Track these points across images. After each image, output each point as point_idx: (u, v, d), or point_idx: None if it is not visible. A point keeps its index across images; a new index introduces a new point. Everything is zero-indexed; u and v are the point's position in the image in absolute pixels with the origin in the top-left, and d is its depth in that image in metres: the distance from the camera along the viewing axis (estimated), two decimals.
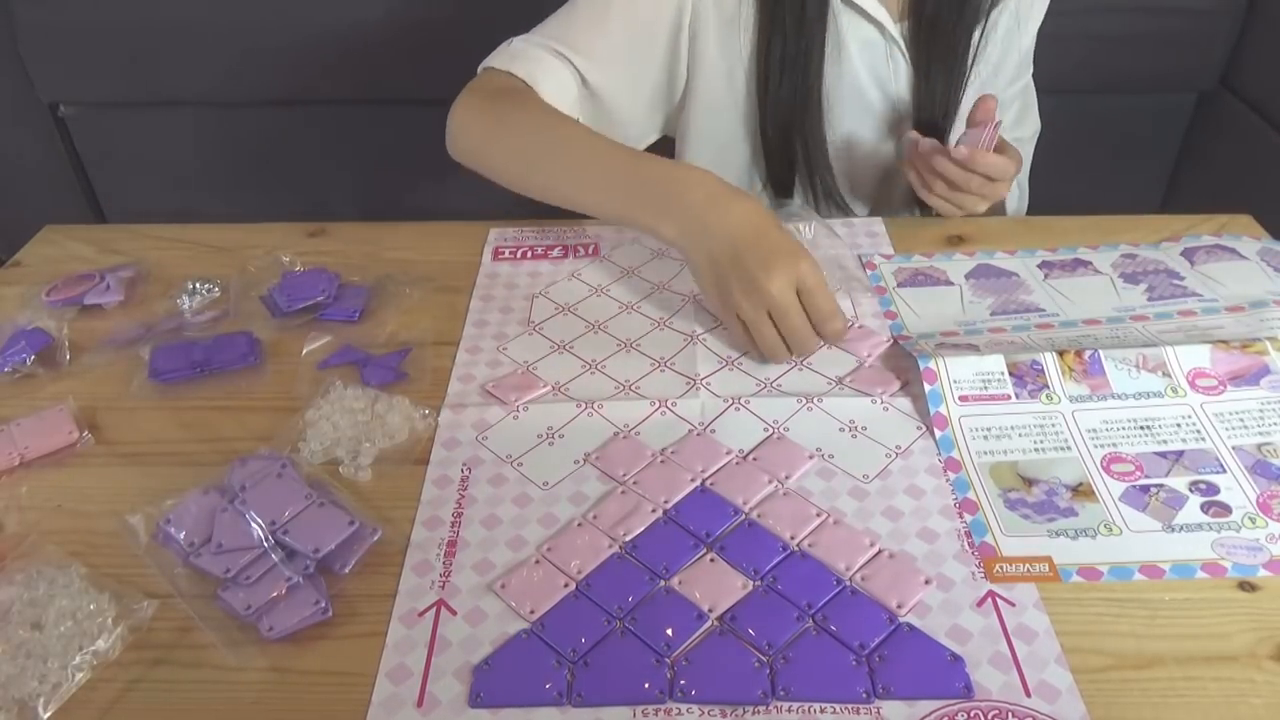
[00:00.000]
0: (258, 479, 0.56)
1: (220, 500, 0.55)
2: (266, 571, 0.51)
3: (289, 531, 0.53)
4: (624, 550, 0.54)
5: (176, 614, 0.51)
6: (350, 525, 0.53)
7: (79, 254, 0.81)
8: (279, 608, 0.50)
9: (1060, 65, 1.34)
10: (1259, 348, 0.62)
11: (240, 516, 0.53)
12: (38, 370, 0.68)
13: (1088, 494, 0.56)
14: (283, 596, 0.50)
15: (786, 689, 0.46)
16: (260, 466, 0.57)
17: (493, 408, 0.64)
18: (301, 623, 0.49)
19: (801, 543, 0.54)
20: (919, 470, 0.58)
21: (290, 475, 0.56)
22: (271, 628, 0.49)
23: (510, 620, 0.50)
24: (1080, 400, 0.61)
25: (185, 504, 0.55)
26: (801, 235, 0.74)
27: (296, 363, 0.68)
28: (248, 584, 0.51)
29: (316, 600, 0.50)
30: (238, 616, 0.50)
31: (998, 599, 0.50)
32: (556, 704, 0.46)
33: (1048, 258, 0.76)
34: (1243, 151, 1.31)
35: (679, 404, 0.64)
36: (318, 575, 0.52)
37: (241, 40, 1.31)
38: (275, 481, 0.56)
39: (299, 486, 0.56)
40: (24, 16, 1.30)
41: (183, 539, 0.53)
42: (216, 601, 0.51)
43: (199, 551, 0.53)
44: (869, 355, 0.67)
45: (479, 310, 0.73)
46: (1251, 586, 0.51)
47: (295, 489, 0.55)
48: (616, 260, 0.79)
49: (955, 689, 0.46)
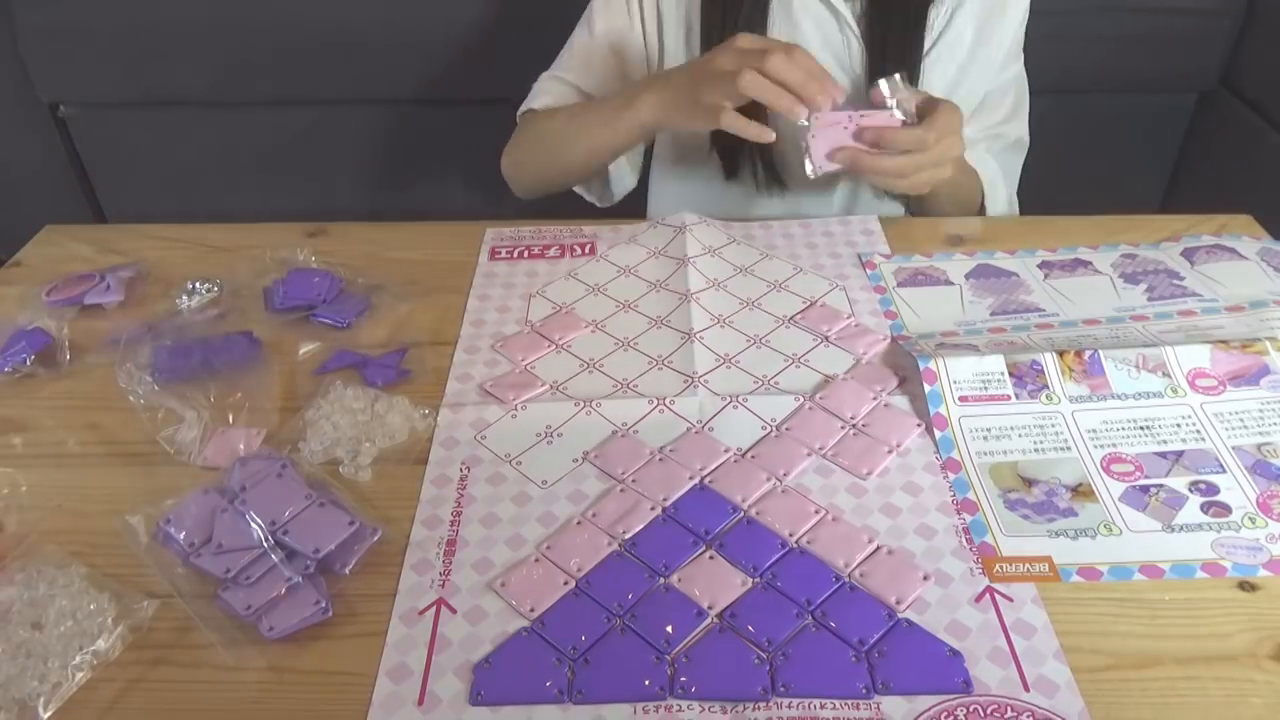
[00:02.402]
0: (258, 479, 0.56)
1: (220, 500, 0.55)
2: (267, 571, 0.51)
3: (289, 531, 0.53)
4: (623, 548, 0.54)
5: (176, 614, 0.51)
6: (350, 525, 0.53)
7: (79, 254, 0.81)
8: (279, 608, 0.50)
9: (1060, 65, 1.35)
10: (1259, 348, 0.62)
11: (240, 517, 0.53)
12: (38, 370, 0.68)
13: (1088, 494, 0.56)
14: (283, 596, 0.50)
15: (786, 685, 0.46)
16: (261, 467, 0.57)
17: (491, 407, 0.64)
18: (302, 622, 0.49)
19: (800, 540, 0.54)
20: (916, 467, 0.58)
21: (290, 475, 0.56)
22: (272, 628, 0.49)
23: (510, 618, 0.50)
24: (1080, 400, 0.61)
25: (185, 504, 0.55)
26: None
27: (296, 363, 0.68)
28: (248, 584, 0.51)
29: (317, 600, 0.50)
30: (238, 616, 0.50)
31: (996, 594, 0.50)
32: (557, 702, 0.46)
33: (1048, 258, 0.76)
34: (1243, 151, 1.31)
35: (677, 402, 0.64)
36: (318, 575, 0.52)
37: (241, 40, 1.31)
38: (275, 482, 0.56)
39: (299, 486, 0.56)
40: (24, 16, 1.30)
41: (183, 539, 0.53)
42: (216, 601, 0.51)
43: (199, 551, 0.53)
44: (866, 353, 0.67)
45: (476, 310, 0.74)
46: (1251, 586, 0.51)
47: (295, 489, 0.55)
48: (613, 259, 0.79)
49: (954, 684, 0.46)
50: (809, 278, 0.75)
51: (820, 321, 0.70)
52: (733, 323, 0.71)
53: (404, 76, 1.32)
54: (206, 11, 1.28)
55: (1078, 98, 1.38)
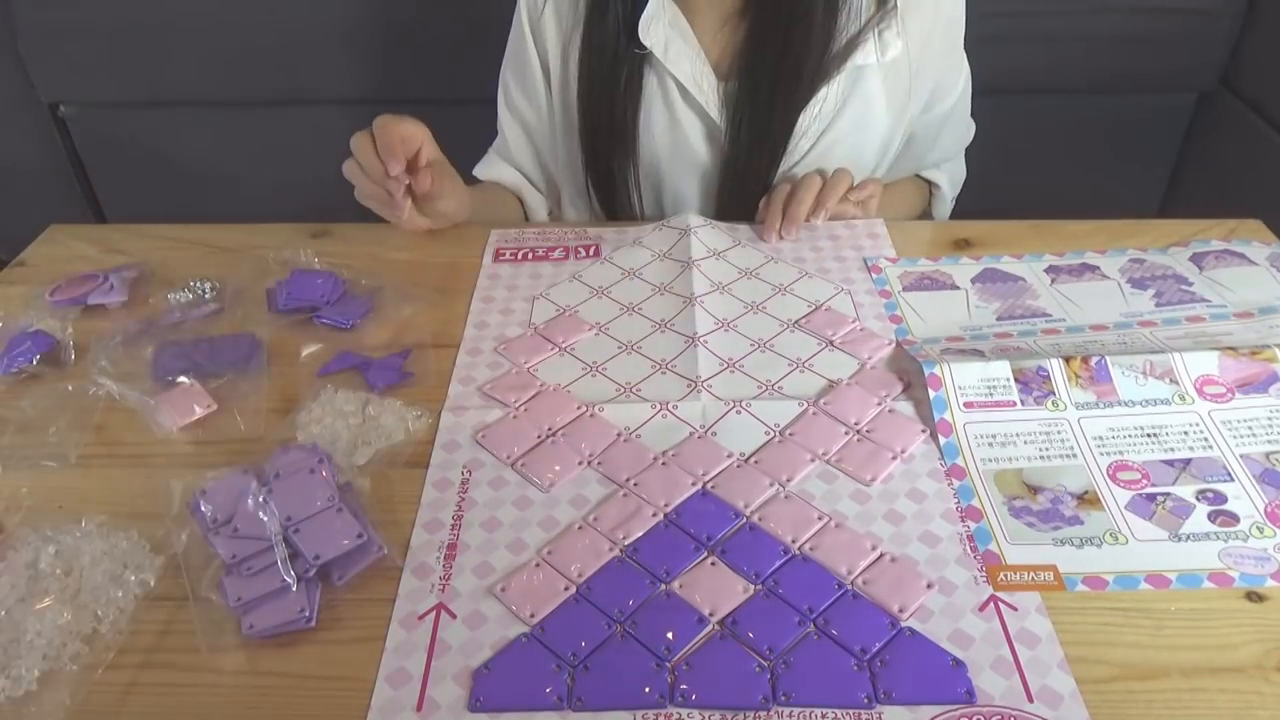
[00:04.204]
0: (292, 470, 0.56)
1: (252, 484, 0.55)
2: (267, 567, 0.51)
3: (300, 530, 0.53)
4: (624, 553, 0.53)
5: (176, 614, 0.50)
6: (357, 539, 0.52)
7: (83, 254, 0.81)
8: (265, 607, 0.50)
9: (1060, 65, 1.34)
10: (1268, 354, 0.62)
11: (262, 505, 0.53)
12: (43, 370, 0.68)
13: (1093, 502, 0.55)
14: (271, 596, 0.50)
15: (787, 694, 0.46)
16: (299, 458, 0.57)
17: (493, 410, 0.63)
18: (280, 628, 0.49)
19: (803, 546, 0.53)
20: (921, 474, 0.58)
21: (321, 473, 0.56)
22: (252, 625, 0.49)
23: (510, 624, 0.50)
24: (1086, 407, 0.60)
25: (223, 480, 0.55)
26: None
27: (298, 364, 0.68)
28: (248, 574, 0.51)
29: (302, 608, 0.49)
30: (227, 605, 0.50)
31: (1000, 603, 0.50)
32: (556, 708, 0.46)
33: (1055, 262, 0.76)
34: (1243, 151, 1.31)
35: (680, 406, 0.63)
36: (316, 581, 0.51)
37: (241, 40, 1.31)
38: (305, 477, 0.55)
39: (325, 487, 0.55)
40: (24, 16, 1.30)
41: (209, 514, 0.54)
42: (219, 587, 0.51)
43: (218, 530, 0.53)
44: (871, 358, 0.67)
45: (480, 312, 0.73)
46: (1259, 597, 0.50)
47: (320, 489, 0.55)
48: (617, 262, 0.78)
49: (957, 694, 0.46)
50: (814, 281, 0.75)
51: (825, 326, 0.70)
52: (737, 326, 0.70)
53: (405, 76, 1.32)
54: (206, 11, 1.28)
55: (1078, 98, 1.38)
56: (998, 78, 1.49)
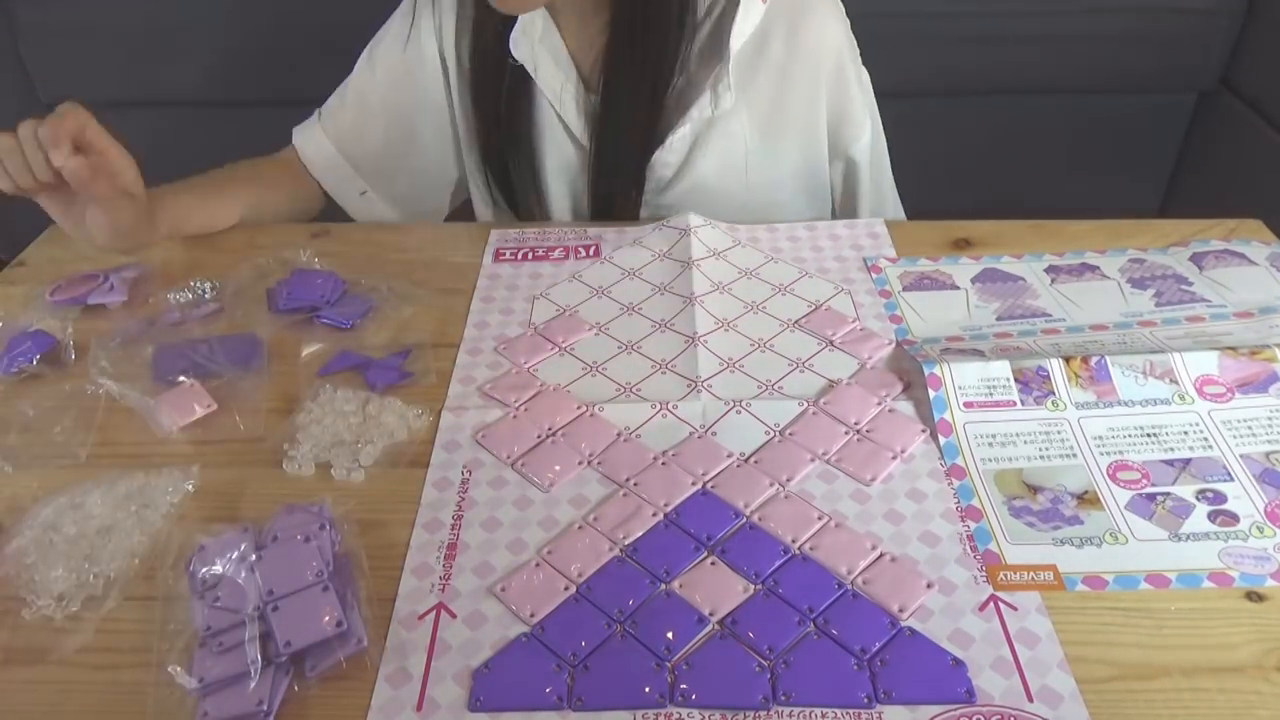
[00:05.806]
0: (287, 535, 0.52)
1: (248, 547, 0.51)
2: (236, 645, 0.46)
3: (279, 609, 0.48)
4: (624, 553, 0.53)
5: (174, 615, 0.50)
6: (337, 627, 0.47)
7: (83, 253, 0.81)
8: (224, 693, 0.46)
9: (1061, 65, 1.34)
10: (1268, 354, 0.62)
11: (248, 575, 0.49)
12: (44, 370, 0.68)
13: (1093, 502, 0.55)
14: (233, 681, 0.46)
15: (787, 693, 0.46)
16: (300, 521, 0.53)
17: (493, 409, 0.64)
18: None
19: (803, 546, 0.53)
20: (921, 473, 0.58)
21: (317, 542, 0.51)
22: (206, 714, 0.45)
23: (510, 624, 0.50)
24: (1086, 407, 0.60)
25: (220, 539, 0.52)
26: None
27: (298, 364, 0.68)
28: (218, 651, 0.47)
29: (260, 700, 0.45)
30: (185, 689, 0.46)
31: (1000, 603, 0.50)
32: (556, 708, 0.46)
33: (1055, 262, 0.76)
34: (1243, 151, 1.31)
35: (680, 406, 0.63)
36: (288, 666, 0.47)
37: (241, 40, 1.31)
38: (298, 546, 0.51)
39: (316, 560, 0.50)
40: (24, 16, 1.30)
41: (199, 577, 0.50)
42: (189, 659, 0.47)
43: (204, 594, 0.50)
44: (871, 358, 0.67)
45: (480, 312, 0.73)
46: (1259, 596, 0.50)
47: (311, 562, 0.50)
48: (617, 262, 0.78)
49: (957, 694, 0.46)
50: (814, 281, 0.75)
51: (825, 325, 0.70)
52: (737, 326, 0.70)
53: None
54: (206, 11, 1.28)
55: (1078, 98, 1.38)
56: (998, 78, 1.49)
